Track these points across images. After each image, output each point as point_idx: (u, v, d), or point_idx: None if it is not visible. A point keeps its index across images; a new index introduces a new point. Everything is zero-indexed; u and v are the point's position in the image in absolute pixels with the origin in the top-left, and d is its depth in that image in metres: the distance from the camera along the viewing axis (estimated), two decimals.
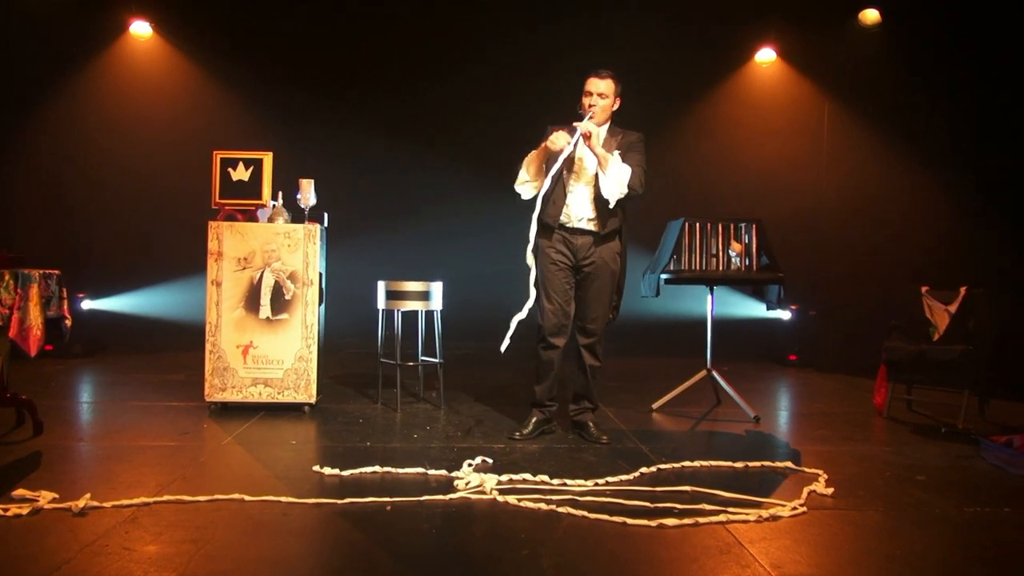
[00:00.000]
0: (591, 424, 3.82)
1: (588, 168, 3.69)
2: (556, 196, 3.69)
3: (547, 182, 3.60)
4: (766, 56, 7.71)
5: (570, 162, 3.67)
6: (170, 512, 2.60)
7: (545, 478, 3.02)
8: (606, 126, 3.74)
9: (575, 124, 3.58)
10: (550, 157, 3.64)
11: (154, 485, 2.87)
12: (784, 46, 7.62)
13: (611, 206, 3.63)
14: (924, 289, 4.64)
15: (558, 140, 3.52)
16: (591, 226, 3.69)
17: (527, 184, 3.73)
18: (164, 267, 7.32)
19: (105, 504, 2.62)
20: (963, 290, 4.42)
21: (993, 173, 5.89)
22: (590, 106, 3.65)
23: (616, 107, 3.74)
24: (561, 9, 7.46)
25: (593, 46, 7.11)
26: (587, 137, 3.56)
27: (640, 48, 6.79)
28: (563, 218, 3.69)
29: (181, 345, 6.63)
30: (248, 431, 3.86)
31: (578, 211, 3.69)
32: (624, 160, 3.63)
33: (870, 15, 6.59)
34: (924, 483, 3.14)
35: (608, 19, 7.30)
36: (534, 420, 3.83)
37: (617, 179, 3.58)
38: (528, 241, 3.59)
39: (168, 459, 3.29)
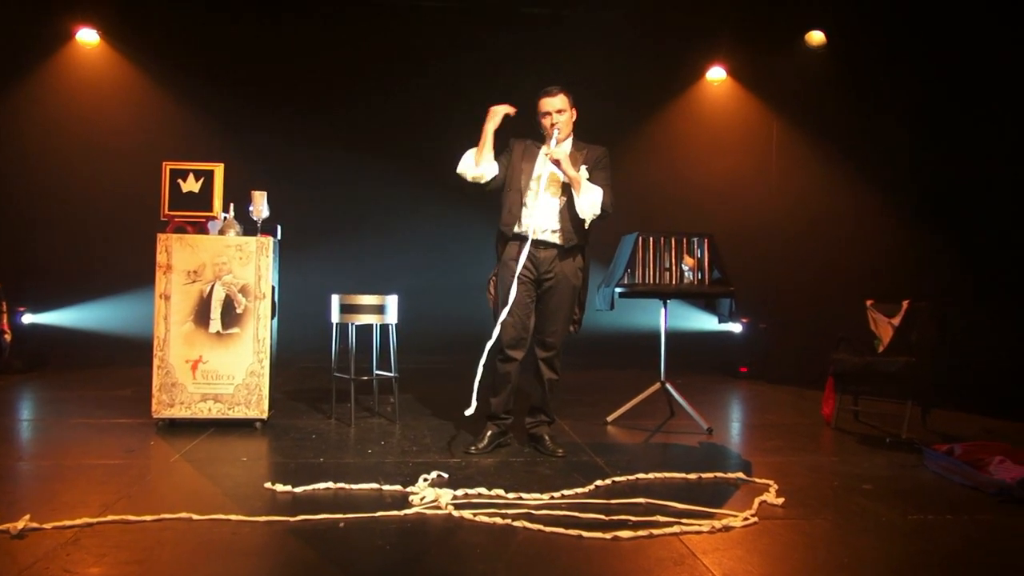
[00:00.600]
0: (547, 437, 3.82)
1: (555, 181, 3.69)
2: (513, 202, 3.71)
3: (495, 169, 3.71)
4: (717, 74, 7.87)
5: (536, 173, 3.70)
6: (114, 533, 2.52)
7: (501, 492, 3.01)
8: (570, 140, 3.76)
9: (545, 152, 3.64)
10: (502, 152, 3.74)
11: (97, 505, 2.78)
12: (734, 65, 7.80)
13: (586, 225, 3.68)
14: (869, 303, 4.77)
15: (498, 111, 3.64)
16: (555, 238, 3.68)
17: (470, 167, 3.74)
18: (110, 280, 7.13)
19: (45, 526, 2.53)
20: (906, 303, 4.55)
21: (934, 190, 6.09)
22: (552, 125, 3.65)
23: (575, 117, 3.76)
24: (513, 21, 7.52)
25: (546, 60, 7.18)
26: (557, 163, 3.59)
27: (593, 64, 6.86)
28: (524, 228, 3.66)
29: (127, 360, 6.45)
30: (197, 448, 3.77)
31: (543, 222, 3.67)
32: (592, 179, 3.66)
33: (816, 37, 6.78)
34: (871, 492, 3.22)
35: (561, 34, 7.37)
36: (489, 434, 3.81)
37: (590, 202, 3.61)
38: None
39: (113, 478, 3.19)
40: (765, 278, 7.08)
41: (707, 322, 7.46)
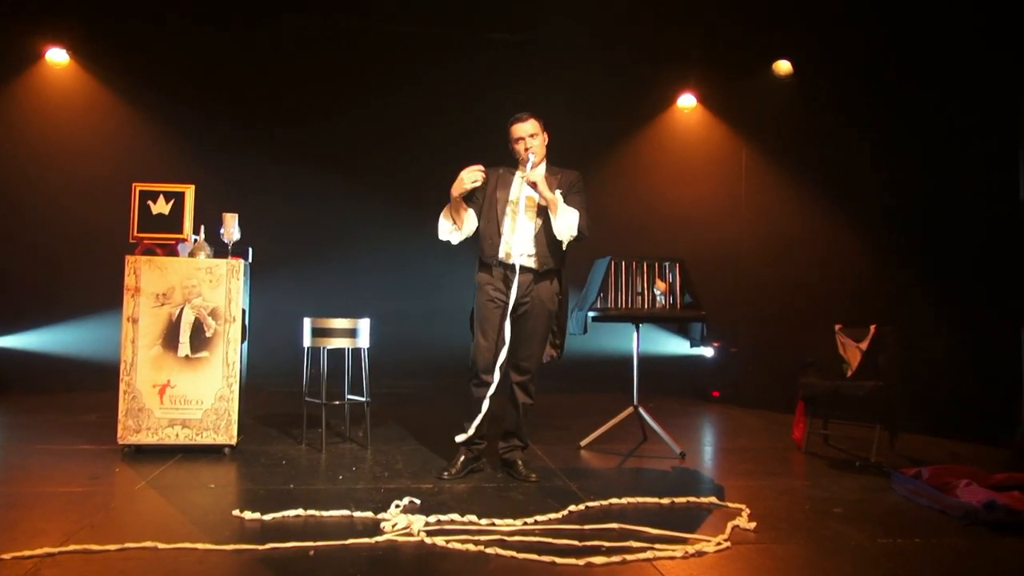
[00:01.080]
0: (520, 462, 3.80)
1: (531, 206, 3.71)
2: (490, 233, 3.72)
3: (476, 221, 3.72)
4: (687, 102, 8.00)
5: (512, 200, 3.72)
6: (76, 563, 2.45)
7: (473, 518, 2.98)
8: (544, 164, 3.76)
9: (521, 175, 3.68)
10: (474, 195, 3.71)
11: (59, 534, 2.71)
12: (704, 92, 7.93)
13: (564, 247, 3.69)
14: (837, 327, 4.84)
15: (466, 179, 3.59)
16: (530, 263, 3.68)
17: (453, 232, 3.76)
18: (76, 303, 7.00)
19: (4, 556, 2.46)
20: (873, 328, 4.62)
21: (901, 216, 6.22)
22: (526, 150, 3.66)
23: (547, 140, 3.77)
24: (485, 47, 7.59)
25: (517, 85, 7.26)
26: (534, 185, 3.61)
27: (564, 90, 6.94)
28: (501, 255, 3.69)
29: (93, 385, 6.32)
30: (163, 475, 3.70)
31: (519, 247, 3.67)
32: (567, 202, 3.66)
33: (783, 66, 6.93)
34: (841, 515, 3.24)
35: (532, 60, 7.45)
36: (462, 459, 3.78)
37: (567, 223, 3.63)
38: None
39: (75, 506, 3.11)
40: (736, 302, 7.15)
41: (679, 346, 7.52)
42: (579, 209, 3.68)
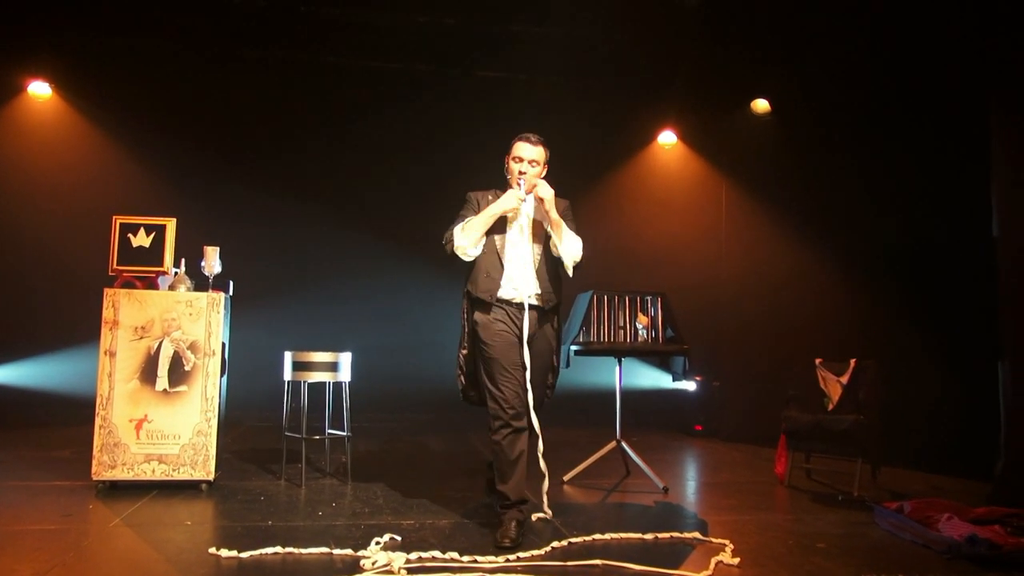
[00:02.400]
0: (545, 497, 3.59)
1: (525, 235, 3.46)
2: (491, 268, 3.42)
3: (479, 249, 3.43)
4: (668, 138, 8.12)
5: (510, 230, 3.46)
6: None
7: (455, 555, 2.94)
8: (533, 194, 3.52)
9: (526, 188, 3.40)
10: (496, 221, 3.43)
11: (29, 574, 2.64)
12: (684, 130, 8.06)
13: (571, 274, 3.49)
14: (818, 361, 4.87)
15: (510, 200, 3.34)
16: (535, 301, 3.42)
17: (468, 248, 3.42)
18: (52, 336, 6.90)
19: None
20: (853, 362, 4.66)
21: (877, 250, 6.30)
22: (520, 173, 3.42)
23: (543, 175, 3.54)
24: (467, 84, 7.68)
25: (499, 122, 7.33)
26: (542, 201, 3.38)
27: (546, 126, 6.95)
28: (503, 292, 3.40)
29: (68, 420, 6.22)
30: (139, 512, 3.62)
31: (524, 285, 3.41)
32: None
33: (761, 104, 7.06)
34: (825, 551, 3.23)
35: (515, 96, 7.55)
36: (515, 523, 3.23)
37: (574, 246, 3.44)
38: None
39: (47, 544, 3.04)
40: (717, 336, 7.18)
41: (661, 380, 7.53)
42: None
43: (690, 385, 7.20)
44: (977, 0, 4.63)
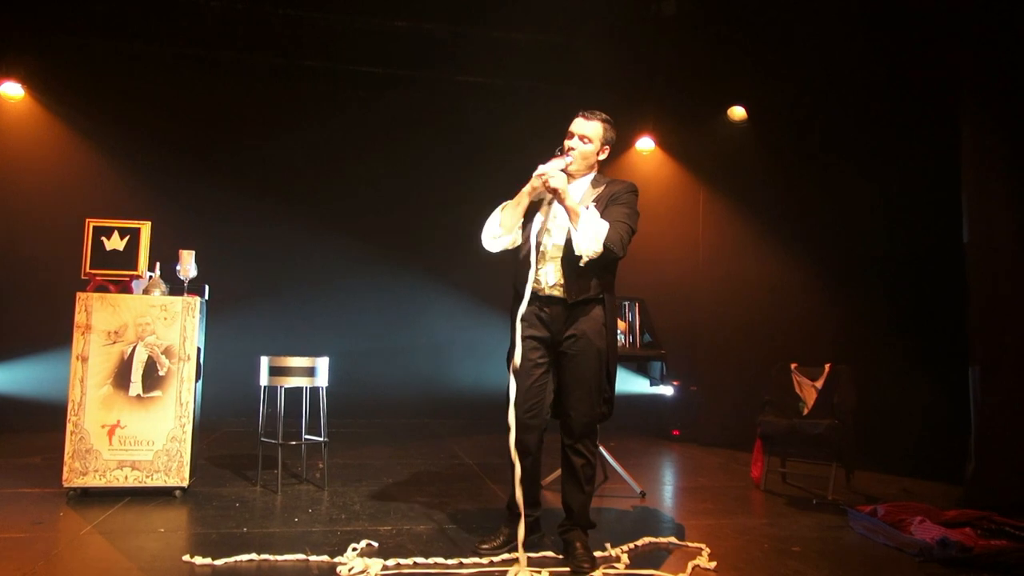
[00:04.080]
0: (578, 544, 3.07)
1: (555, 227, 3.17)
2: (524, 258, 3.13)
3: (518, 238, 3.19)
4: (645, 145, 8.17)
5: (541, 217, 3.19)
6: None
7: (440, 559, 2.93)
8: (589, 177, 3.26)
9: (537, 175, 3.08)
10: (531, 206, 3.17)
11: None
12: (661, 136, 8.11)
13: (581, 263, 3.04)
14: (793, 366, 4.92)
15: (553, 177, 3.00)
16: (558, 292, 3.11)
17: (499, 238, 3.19)
18: (23, 341, 6.77)
19: None
20: (827, 366, 4.71)
21: (852, 256, 6.37)
22: (569, 149, 3.17)
23: (602, 156, 3.28)
24: (448, 90, 7.67)
25: (479, 126, 7.34)
26: (554, 192, 3.03)
27: (524, 131, 7.02)
28: (535, 284, 3.09)
29: (38, 426, 6.10)
30: (111, 519, 3.57)
31: (547, 276, 3.13)
32: (604, 215, 3.08)
33: (737, 112, 7.12)
34: (800, 554, 3.26)
35: (493, 101, 7.55)
36: (503, 536, 3.18)
37: (590, 234, 3.00)
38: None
39: (15, 553, 2.98)
40: (694, 341, 7.22)
41: (639, 385, 7.55)
42: (615, 221, 3.08)
43: (667, 390, 7.23)
44: (948, 11, 4.71)
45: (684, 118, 7.56)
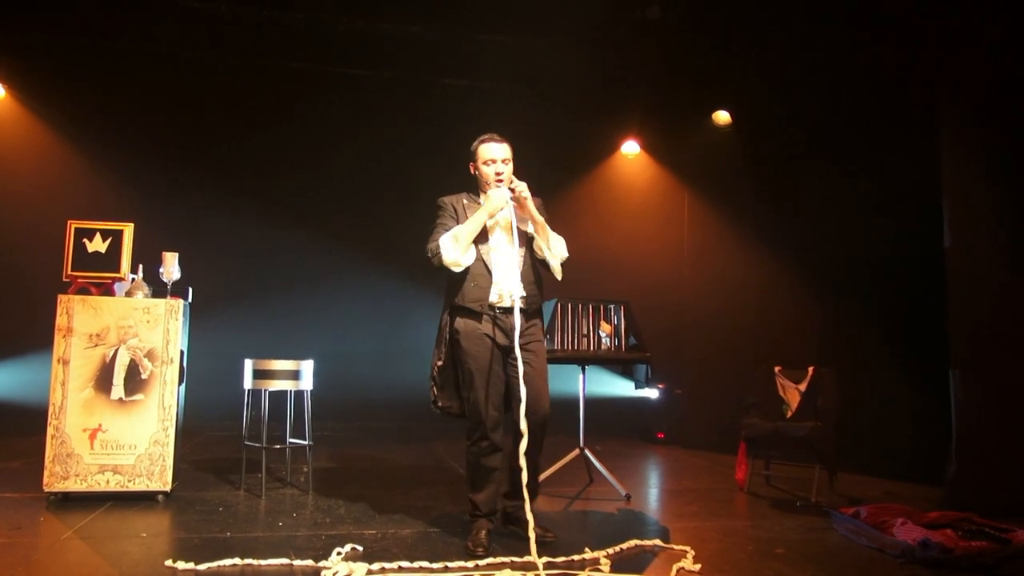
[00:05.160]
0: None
1: (514, 239, 3.36)
2: (478, 276, 3.33)
3: (470, 258, 3.33)
4: (631, 149, 8.20)
5: (493, 235, 3.39)
6: None
7: (425, 563, 2.92)
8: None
9: (508, 188, 3.31)
10: (440, 226, 3.37)
11: None
12: (647, 140, 8.14)
13: (559, 276, 3.45)
14: (777, 368, 4.94)
15: (497, 199, 3.26)
16: (521, 303, 3.30)
17: (460, 259, 3.31)
18: (2, 344, 6.71)
19: None
20: (811, 369, 4.74)
21: (835, 259, 6.43)
22: (497, 174, 3.36)
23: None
24: (432, 93, 7.68)
25: (464, 130, 7.30)
26: (523, 203, 3.30)
27: (510, 135, 7.04)
28: (494, 297, 3.31)
29: (18, 430, 6.03)
30: (92, 524, 3.54)
31: (509, 287, 3.32)
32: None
33: (722, 116, 7.17)
34: (783, 556, 3.28)
35: (479, 105, 7.55)
36: (485, 532, 3.26)
37: (560, 242, 3.44)
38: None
39: None
40: (680, 344, 7.25)
41: (624, 388, 7.56)
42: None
43: (652, 393, 7.26)
44: (928, 16, 4.76)
45: (669, 122, 7.60)
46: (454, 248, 3.29)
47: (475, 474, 3.32)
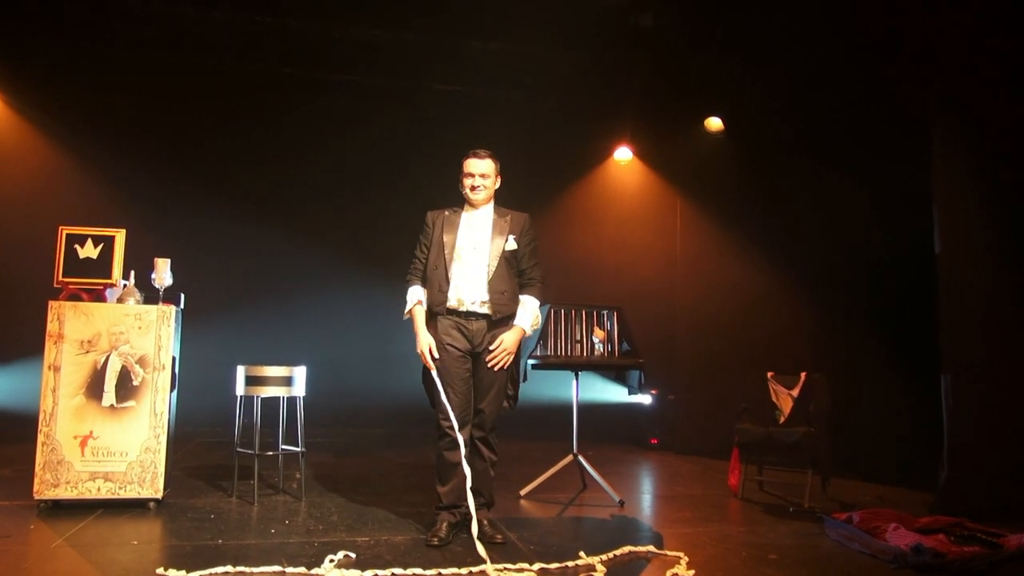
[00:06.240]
0: (485, 522, 3.50)
1: (479, 248, 3.60)
2: (438, 280, 3.59)
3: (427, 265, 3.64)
4: (623, 155, 8.22)
5: (460, 244, 3.62)
6: None
7: (418, 570, 2.91)
8: (490, 205, 3.70)
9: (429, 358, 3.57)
10: (420, 241, 3.72)
11: None
12: (639, 146, 8.16)
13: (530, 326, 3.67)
14: (769, 374, 4.96)
15: (420, 345, 3.58)
16: (484, 309, 3.55)
17: (404, 314, 3.72)
18: None
19: None
20: (803, 375, 4.75)
21: (827, 265, 6.46)
22: (473, 187, 3.60)
23: (497, 185, 3.71)
24: (425, 98, 7.67)
25: (458, 135, 7.31)
26: (504, 353, 3.56)
27: (503, 140, 7.01)
28: (453, 302, 3.55)
29: (9, 437, 5.98)
30: (83, 531, 3.51)
31: (471, 295, 3.55)
32: (528, 259, 3.66)
33: (714, 123, 7.19)
34: (777, 562, 3.28)
35: (472, 111, 7.55)
36: (445, 524, 3.47)
37: (533, 317, 3.64)
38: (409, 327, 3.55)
39: None
40: (672, 350, 7.26)
41: (618, 394, 7.57)
42: (534, 264, 3.68)
43: (646, 399, 7.26)
44: (920, 23, 4.79)
45: (662, 128, 7.62)
46: (408, 307, 3.68)
47: (439, 467, 3.57)
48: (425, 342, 3.56)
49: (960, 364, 4.34)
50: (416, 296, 3.66)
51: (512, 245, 3.62)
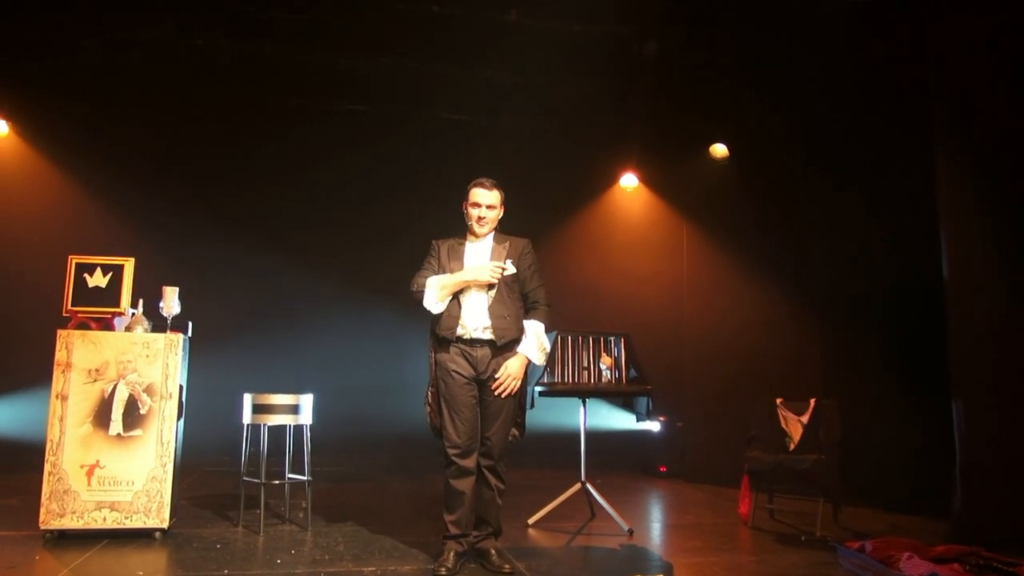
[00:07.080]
0: (493, 551, 3.54)
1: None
2: (450, 308, 3.59)
3: (444, 306, 3.59)
4: (629, 181, 8.25)
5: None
6: None
7: None
8: (491, 235, 3.71)
9: (499, 268, 3.54)
10: (426, 266, 3.69)
11: None
12: (645, 173, 8.20)
13: (539, 360, 3.66)
14: (779, 401, 4.92)
15: (483, 276, 3.51)
16: (487, 335, 3.55)
17: (433, 307, 3.59)
18: (1, 379, 6.68)
19: None
20: (813, 401, 4.72)
21: (836, 290, 6.43)
22: (479, 218, 3.62)
23: (501, 215, 3.72)
24: (431, 127, 7.73)
25: (463, 164, 7.35)
26: (509, 379, 3.54)
27: (509, 168, 7.04)
28: (459, 330, 3.55)
29: (15, 466, 5.98)
30: (88, 562, 3.49)
31: (473, 321, 3.55)
32: (531, 284, 3.66)
33: (719, 149, 7.22)
34: None
35: (478, 139, 7.59)
36: (453, 554, 3.45)
37: (541, 341, 3.63)
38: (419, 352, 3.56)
39: None
40: (680, 377, 7.22)
41: (626, 421, 7.52)
42: (539, 286, 3.68)
43: (654, 426, 7.21)
44: (926, 49, 4.82)
45: (667, 155, 7.66)
46: (430, 297, 3.57)
47: (447, 496, 3.53)
48: (477, 267, 3.55)
49: (972, 389, 4.30)
50: (432, 278, 3.61)
51: (512, 269, 3.61)
